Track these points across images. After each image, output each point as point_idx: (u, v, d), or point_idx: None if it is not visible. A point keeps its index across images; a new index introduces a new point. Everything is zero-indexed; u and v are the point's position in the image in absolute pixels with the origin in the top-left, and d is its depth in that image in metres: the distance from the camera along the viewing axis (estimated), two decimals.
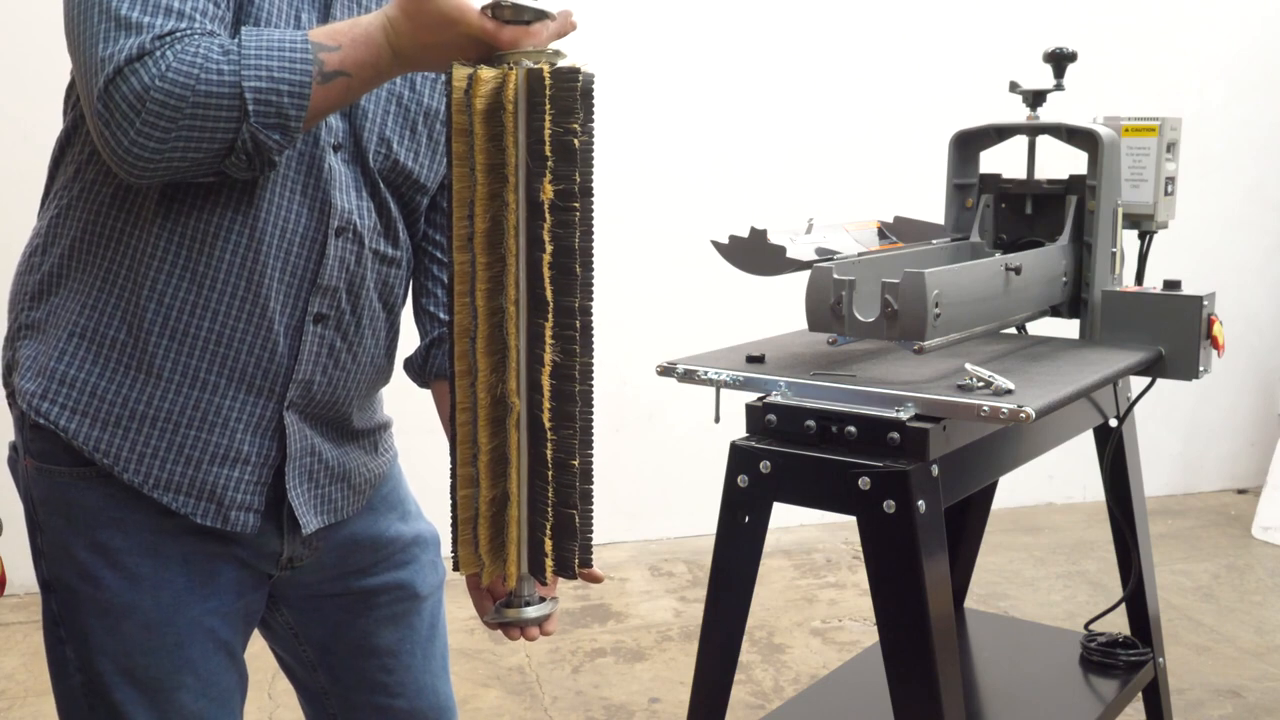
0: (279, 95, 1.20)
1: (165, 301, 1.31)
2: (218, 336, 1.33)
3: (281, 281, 1.35)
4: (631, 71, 4.08)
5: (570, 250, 1.21)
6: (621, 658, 3.34)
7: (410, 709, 1.62)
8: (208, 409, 1.35)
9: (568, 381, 1.23)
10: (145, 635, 1.37)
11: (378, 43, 1.23)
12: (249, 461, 1.38)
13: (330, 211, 1.36)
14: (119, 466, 1.33)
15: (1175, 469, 4.93)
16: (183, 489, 1.35)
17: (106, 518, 1.35)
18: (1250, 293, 4.86)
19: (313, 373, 1.40)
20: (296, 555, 1.47)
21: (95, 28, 1.19)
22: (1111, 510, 2.24)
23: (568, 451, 1.25)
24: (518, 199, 1.20)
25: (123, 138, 1.18)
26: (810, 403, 1.63)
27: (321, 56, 1.22)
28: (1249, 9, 4.80)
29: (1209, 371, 1.96)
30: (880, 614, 1.58)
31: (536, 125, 1.19)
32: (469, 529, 1.30)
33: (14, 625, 3.50)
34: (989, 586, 3.87)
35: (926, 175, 2.78)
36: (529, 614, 1.33)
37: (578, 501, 1.26)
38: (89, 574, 1.36)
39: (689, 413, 3.93)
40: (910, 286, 1.57)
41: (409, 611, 1.60)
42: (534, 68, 1.19)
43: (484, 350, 1.25)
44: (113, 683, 1.38)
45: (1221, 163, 4.72)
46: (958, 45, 4.44)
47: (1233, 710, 3.03)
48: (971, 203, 2.16)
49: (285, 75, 1.20)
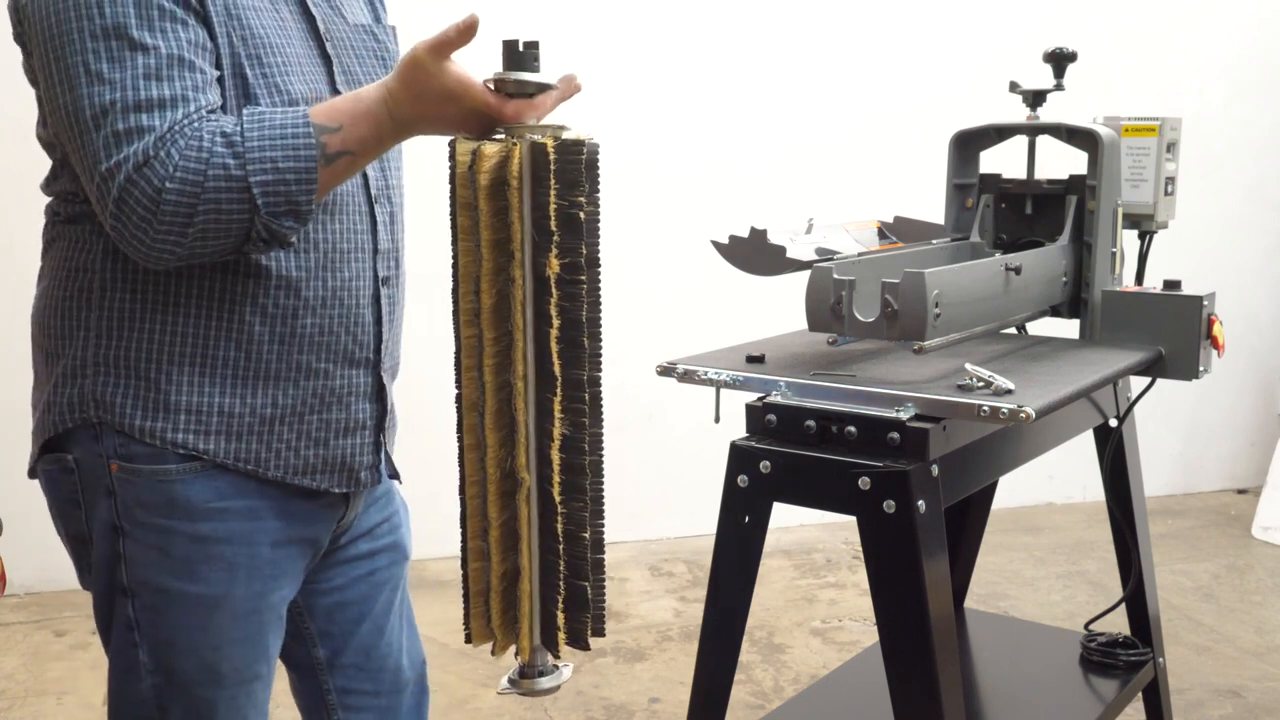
0: (286, 185, 1.23)
1: (269, 313, 1.37)
2: (320, 328, 1.40)
3: (356, 260, 1.43)
4: (632, 71, 4.08)
5: (578, 323, 1.21)
6: (621, 658, 3.34)
7: (395, 668, 1.67)
8: (324, 393, 1.43)
9: (577, 454, 1.24)
10: (234, 626, 1.43)
11: (378, 116, 1.26)
12: (365, 426, 1.49)
13: (370, 184, 1.45)
14: (261, 468, 1.40)
15: (1175, 469, 4.93)
16: (319, 469, 1.45)
17: (208, 509, 1.40)
18: (1250, 293, 4.86)
19: (390, 330, 1.50)
20: (351, 517, 1.56)
21: (95, 138, 1.22)
22: (1111, 510, 2.24)
23: (578, 524, 1.25)
24: (524, 274, 1.20)
25: (144, 239, 1.23)
26: (810, 403, 1.63)
27: (324, 139, 1.24)
28: (1249, 9, 4.80)
29: (1209, 371, 1.96)
30: (880, 614, 1.58)
31: (541, 199, 1.18)
32: (480, 602, 1.31)
33: (14, 625, 3.50)
34: (989, 586, 3.87)
35: (926, 175, 2.78)
36: (542, 684, 1.33)
37: (589, 573, 1.27)
38: (188, 569, 1.40)
39: (689, 413, 3.92)
40: (910, 286, 1.57)
41: (399, 575, 1.67)
42: (538, 141, 1.19)
43: (492, 425, 1.25)
44: (197, 679, 1.42)
45: (1221, 163, 4.72)
46: (958, 45, 4.43)
47: (1233, 710, 3.03)
48: (971, 203, 2.16)
49: (290, 165, 1.23)
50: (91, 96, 1.22)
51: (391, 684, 1.66)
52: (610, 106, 4.02)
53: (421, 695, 1.72)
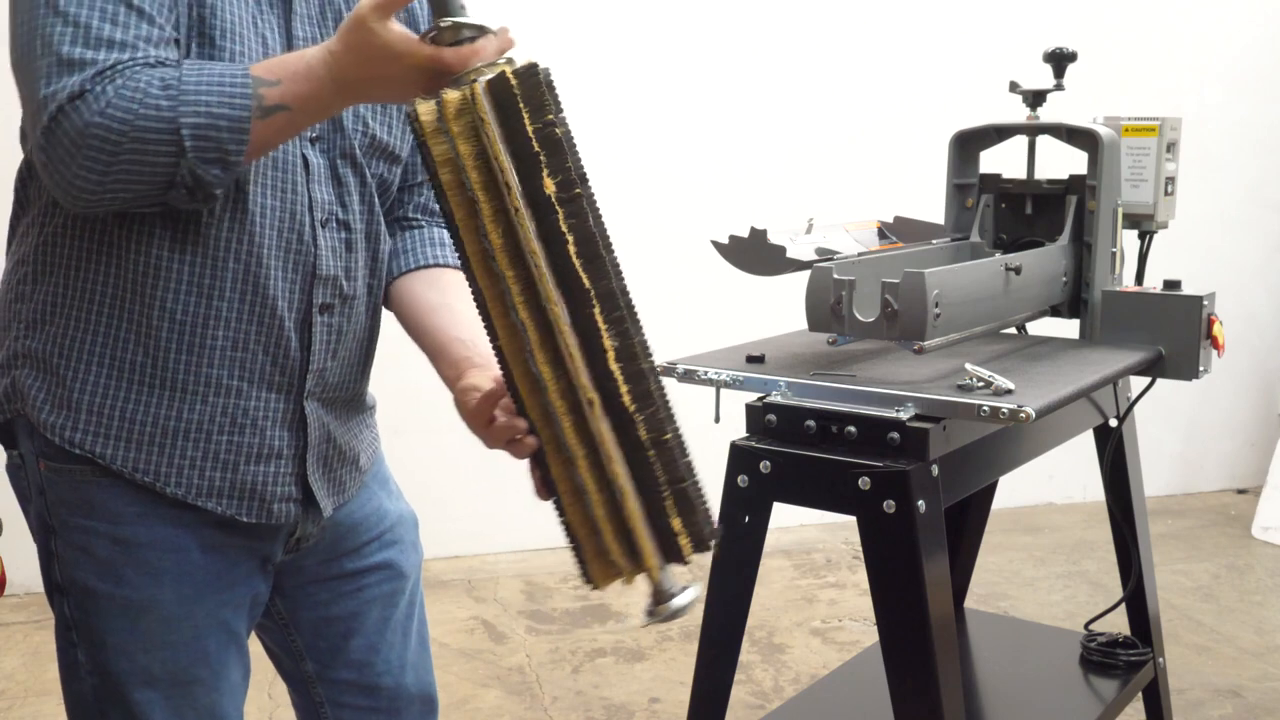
0: (217, 131, 1.21)
1: (177, 318, 1.34)
2: (233, 342, 1.36)
3: (284, 280, 1.37)
4: (632, 71, 4.08)
5: (590, 237, 1.20)
6: (621, 658, 3.34)
7: (395, 685, 1.64)
8: (235, 413, 1.38)
9: (633, 362, 1.22)
10: (164, 630, 1.39)
11: (319, 76, 1.24)
12: (281, 455, 1.42)
13: (314, 206, 1.39)
14: (160, 482, 1.37)
15: (1175, 469, 4.92)
16: (224, 493, 1.39)
17: (130, 514, 1.37)
18: (1250, 293, 4.86)
19: (324, 360, 1.43)
20: (305, 535, 1.51)
21: (39, 65, 1.21)
22: (1111, 510, 2.24)
23: (658, 428, 1.22)
24: (521, 204, 1.20)
25: (65, 172, 1.20)
26: (810, 403, 1.63)
27: (261, 91, 1.22)
28: (1249, 9, 4.80)
29: (1209, 371, 1.96)
30: (880, 614, 1.58)
31: (517, 128, 1.18)
32: (592, 541, 1.28)
33: (14, 625, 3.50)
34: (989, 586, 3.87)
35: (926, 175, 2.78)
36: (679, 603, 1.28)
37: (685, 473, 1.24)
38: (110, 571, 1.38)
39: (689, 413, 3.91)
40: (910, 286, 1.58)
41: (395, 592, 1.63)
42: (495, 77, 1.18)
43: (543, 360, 1.23)
44: (129, 683, 1.39)
45: (1221, 163, 4.71)
46: (958, 45, 4.43)
47: (1233, 710, 3.03)
48: (971, 203, 2.16)
49: (224, 111, 1.21)
50: (45, 26, 1.21)
51: (389, 701, 1.63)
52: (610, 106, 4.02)
53: (427, 715, 1.68)
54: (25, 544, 1.44)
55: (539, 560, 3.98)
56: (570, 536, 1.29)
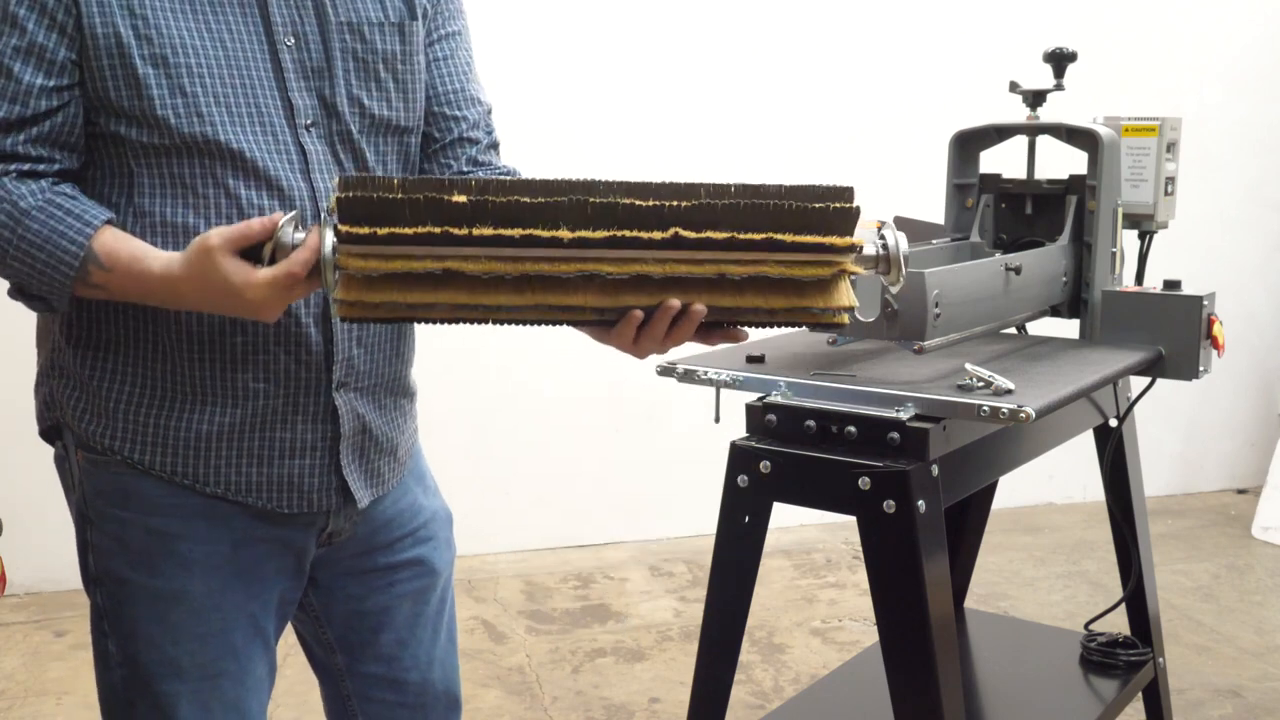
0: (39, 283, 1.28)
1: (194, 330, 1.35)
2: (254, 346, 1.37)
3: None
4: (632, 71, 4.08)
5: (531, 187, 1.20)
6: (621, 658, 3.34)
7: (422, 681, 1.64)
8: (265, 412, 1.39)
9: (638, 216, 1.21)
10: (194, 621, 1.41)
11: (152, 289, 1.27)
12: (315, 448, 1.43)
13: (318, 195, 1.39)
14: (199, 484, 1.39)
15: (1175, 469, 4.92)
16: (264, 488, 1.41)
17: (166, 505, 1.39)
18: (1250, 293, 4.86)
19: (350, 349, 1.43)
20: (339, 530, 1.51)
21: None
22: (1111, 510, 2.24)
23: None
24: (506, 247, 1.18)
25: None
26: (810, 403, 1.63)
27: (90, 269, 1.27)
28: (1249, 9, 4.80)
29: (1209, 371, 1.96)
30: (880, 614, 1.58)
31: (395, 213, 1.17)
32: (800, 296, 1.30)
33: (14, 625, 3.50)
34: (989, 586, 3.87)
35: (926, 175, 2.78)
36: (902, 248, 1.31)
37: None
38: (144, 562, 1.40)
39: (689, 413, 3.92)
40: (910, 286, 1.58)
41: (426, 588, 1.63)
42: (326, 216, 1.21)
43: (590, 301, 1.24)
44: (157, 674, 1.41)
45: (1221, 163, 4.71)
46: (958, 45, 4.43)
47: (1233, 710, 3.03)
48: (971, 203, 2.16)
49: (49, 273, 1.27)
50: None
51: (416, 696, 1.64)
52: (610, 106, 4.02)
53: (450, 712, 1.69)
54: (25, 544, 1.45)
55: (539, 560, 3.98)
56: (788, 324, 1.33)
